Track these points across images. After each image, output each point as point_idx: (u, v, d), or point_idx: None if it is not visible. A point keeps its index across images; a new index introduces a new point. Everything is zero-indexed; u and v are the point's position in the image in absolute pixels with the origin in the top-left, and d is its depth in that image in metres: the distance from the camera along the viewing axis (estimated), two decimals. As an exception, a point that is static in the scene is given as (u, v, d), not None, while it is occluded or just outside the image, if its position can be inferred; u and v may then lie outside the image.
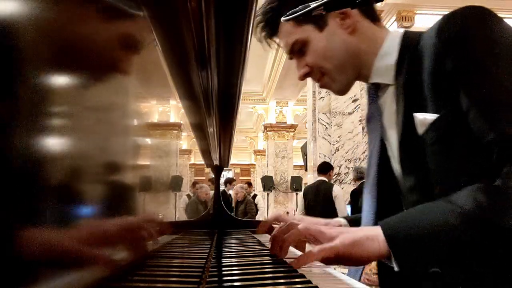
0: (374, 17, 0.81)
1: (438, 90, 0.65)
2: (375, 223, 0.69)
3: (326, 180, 4.45)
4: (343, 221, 0.93)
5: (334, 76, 0.81)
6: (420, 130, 0.66)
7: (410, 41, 0.74)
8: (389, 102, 0.77)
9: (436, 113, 0.64)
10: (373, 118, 0.80)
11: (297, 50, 0.82)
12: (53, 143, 0.25)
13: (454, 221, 0.55)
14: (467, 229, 0.55)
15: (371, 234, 0.61)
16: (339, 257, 0.60)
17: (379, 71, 0.78)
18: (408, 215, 0.62)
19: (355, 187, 4.62)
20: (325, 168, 4.54)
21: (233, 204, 6.42)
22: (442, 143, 0.64)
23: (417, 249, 0.56)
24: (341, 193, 4.44)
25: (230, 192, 6.57)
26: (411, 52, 0.71)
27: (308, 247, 3.28)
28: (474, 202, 0.55)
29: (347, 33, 0.78)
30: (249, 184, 8.01)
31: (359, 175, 4.48)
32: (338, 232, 0.64)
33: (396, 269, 0.57)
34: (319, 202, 4.33)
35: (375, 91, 0.80)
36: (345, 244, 0.60)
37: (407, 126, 0.69)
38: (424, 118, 0.65)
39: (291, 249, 1.06)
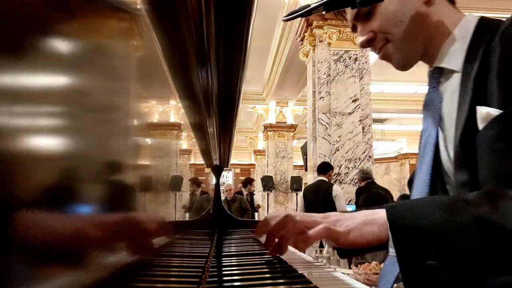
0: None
1: (506, 84, 0.61)
2: None
3: (326, 180, 4.45)
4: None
5: (399, 45, 0.76)
6: (481, 124, 0.63)
7: (486, 29, 0.69)
8: (451, 90, 0.72)
9: (501, 109, 0.60)
10: (432, 104, 0.76)
11: (364, 13, 0.77)
12: (53, 143, 0.25)
13: (463, 220, 0.54)
14: (475, 230, 0.53)
15: (370, 218, 0.60)
16: (338, 242, 0.60)
17: (446, 55, 0.74)
18: (416, 203, 0.60)
19: (360, 186, 4.64)
20: (324, 168, 4.53)
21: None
22: (502, 141, 0.60)
23: (418, 238, 0.54)
24: (341, 193, 4.44)
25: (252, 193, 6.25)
26: (485, 40, 0.67)
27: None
28: (489, 205, 0.53)
29: (422, 2, 0.74)
30: (249, 181, 7.70)
31: (365, 176, 4.48)
32: (334, 220, 0.63)
33: (391, 254, 0.56)
34: (319, 201, 4.33)
35: (438, 75, 0.76)
36: (344, 231, 0.60)
37: (470, 119, 0.64)
38: (487, 113, 0.62)
39: (292, 250, 1.06)
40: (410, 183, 0.89)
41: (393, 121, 11.97)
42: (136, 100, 0.56)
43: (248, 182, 7.27)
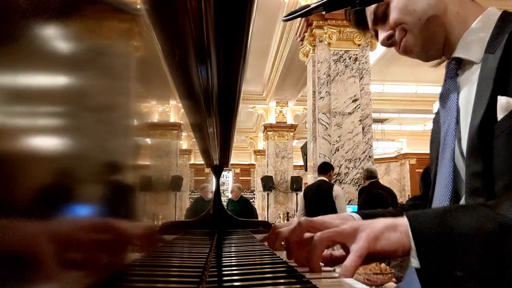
0: None
1: None
2: None
3: (327, 180, 4.45)
4: (356, 216, 0.85)
5: (417, 34, 0.76)
6: (501, 114, 0.62)
7: (509, 21, 0.69)
8: (469, 81, 0.71)
9: None
10: (450, 95, 0.75)
11: (380, 15, 0.78)
12: (54, 143, 0.25)
13: (490, 227, 0.51)
14: (504, 239, 0.50)
15: (391, 224, 0.57)
16: (368, 255, 0.56)
17: (466, 46, 0.73)
18: (438, 211, 0.58)
19: (363, 185, 4.63)
20: (325, 168, 4.53)
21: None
22: None
23: (443, 248, 0.52)
24: (342, 193, 4.44)
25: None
26: (509, 32, 0.66)
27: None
28: None
29: None
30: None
31: (369, 175, 4.44)
32: (356, 225, 0.59)
33: (414, 265, 0.53)
34: (319, 202, 4.33)
35: (456, 66, 0.75)
36: (371, 238, 0.56)
37: (489, 108, 0.63)
38: (507, 103, 0.61)
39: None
40: (424, 180, 0.87)
41: (393, 121, 11.97)
42: (136, 100, 0.56)
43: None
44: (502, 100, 0.62)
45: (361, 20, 0.84)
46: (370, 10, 0.81)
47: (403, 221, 0.56)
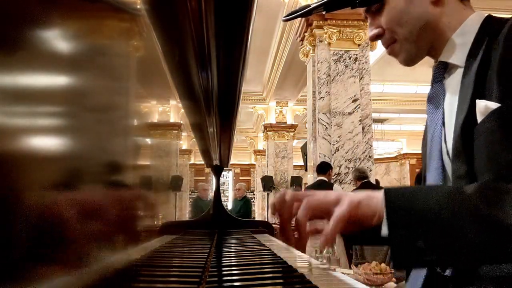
0: None
1: (505, 79, 0.62)
2: None
3: (326, 180, 4.44)
4: None
5: (404, 45, 0.78)
6: (480, 117, 0.64)
7: (491, 26, 0.70)
8: (454, 84, 0.74)
9: (499, 103, 0.62)
10: (436, 98, 0.77)
11: (374, 9, 0.79)
12: (55, 143, 0.25)
13: (460, 209, 0.55)
14: (471, 221, 0.54)
15: (370, 194, 0.60)
16: (349, 219, 0.59)
17: (451, 50, 0.75)
18: (416, 189, 0.62)
19: (355, 187, 4.58)
20: (324, 167, 4.52)
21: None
22: (498, 134, 0.62)
23: (411, 220, 0.56)
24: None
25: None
26: (490, 36, 0.68)
27: (309, 247, 3.27)
28: (489, 199, 0.55)
29: (429, 2, 0.75)
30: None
31: (361, 175, 4.43)
32: (340, 195, 0.62)
33: (383, 233, 0.57)
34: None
35: (442, 70, 0.77)
36: (352, 203, 0.59)
37: (470, 112, 0.66)
38: (486, 106, 0.63)
39: (292, 250, 1.06)
40: (419, 181, 0.89)
41: (393, 121, 11.97)
42: (136, 100, 0.56)
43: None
44: (480, 104, 0.64)
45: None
46: None
47: (380, 193, 0.60)
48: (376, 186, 4.42)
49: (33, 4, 0.21)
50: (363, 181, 4.35)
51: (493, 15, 0.74)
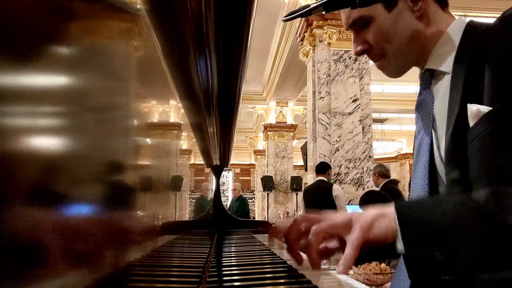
0: (444, 2, 0.79)
1: (496, 83, 0.62)
2: None
3: (326, 179, 4.43)
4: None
5: (392, 60, 0.79)
6: (472, 121, 0.64)
7: (474, 30, 0.71)
8: (442, 91, 0.74)
9: (490, 106, 0.62)
10: (424, 105, 0.77)
11: (358, 25, 0.79)
12: (55, 143, 0.25)
13: (466, 214, 0.56)
14: (482, 226, 0.55)
15: (381, 213, 0.60)
16: (364, 244, 0.59)
17: (437, 58, 0.75)
18: (423, 200, 0.63)
19: (376, 185, 4.29)
20: (323, 167, 4.50)
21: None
22: (491, 138, 0.61)
23: (425, 232, 0.56)
24: (342, 192, 4.41)
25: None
26: (474, 41, 0.69)
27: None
28: (494, 201, 0.55)
29: (414, 17, 0.76)
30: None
31: (385, 173, 4.19)
32: (349, 217, 0.61)
33: (399, 250, 0.57)
34: (319, 202, 4.31)
35: (429, 77, 0.77)
36: (365, 227, 0.59)
37: (460, 116, 0.66)
38: (477, 110, 0.63)
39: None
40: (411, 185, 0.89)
41: (393, 121, 11.97)
42: (136, 100, 0.56)
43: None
44: (472, 108, 0.64)
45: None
46: (346, 15, 0.80)
47: (391, 209, 0.59)
48: (396, 190, 4.19)
49: (32, 4, 0.21)
50: (386, 179, 4.17)
51: (474, 20, 0.75)
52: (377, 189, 4.16)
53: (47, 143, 0.24)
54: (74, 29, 0.29)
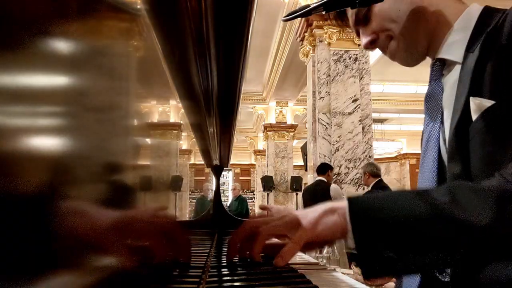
0: None
1: (500, 75, 0.61)
2: None
3: (325, 180, 4.44)
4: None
5: (401, 41, 0.76)
6: (474, 115, 0.62)
7: (489, 18, 0.68)
8: (452, 82, 0.71)
9: (492, 100, 0.60)
10: (434, 96, 0.75)
11: (362, 18, 0.78)
12: (55, 143, 0.25)
13: (421, 211, 0.54)
14: (433, 223, 0.54)
15: (330, 208, 0.59)
16: (310, 241, 0.59)
17: (449, 46, 0.72)
18: (378, 195, 0.60)
19: (366, 184, 4.32)
20: (323, 168, 4.51)
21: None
22: (493, 132, 0.60)
23: (377, 227, 0.55)
24: (340, 192, 4.41)
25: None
26: (488, 30, 0.65)
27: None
28: (450, 197, 0.54)
29: None
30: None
31: (377, 172, 4.20)
32: (295, 216, 0.62)
33: (350, 246, 0.56)
34: (317, 202, 4.30)
35: (440, 68, 0.75)
36: (309, 225, 0.59)
37: (465, 110, 0.64)
38: (480, 103, 0.61)
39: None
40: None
41: (393, 121, 11.97)
42: (136, 100, 0.56)
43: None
44: (475, 102, 0.62)
45: (341, 16, 0.84)
46: (350, 12, 0.80)
47: (342, 204, 0.58)
48: (388, 189, 4.16)
49: (33, 4, 0.21)
50: (377, 179, 4.17)
51: (491, 6, 0.71)
52: (368, 188, 4.15)
53: (46, 142, 0.24)
54: (74, 29, 0.29)
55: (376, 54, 6.58)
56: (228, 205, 7.08)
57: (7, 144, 0.18)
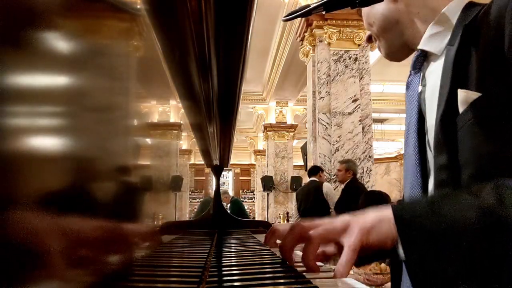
0: None
1: (487, 67, 0.60)
2: None
3: (316, 179, 4.51)
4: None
5: (381, 41, 0.83)
6: (461, 107, 0.62)
7: (472, 11, 0.68)
8: (434, 74, 0.72)
9: (479, 91, 0.60)
10: (412, 87, 0.77)
11: (359, 13, 0.87)
12: (54, 144, 0.25)
13: (472, 215, 0.50)
14: (485, 227, 0.50)
15: (380, 216, 0.56)
16: (363, 247, 0.55)
17: (430, 38, 0.74)
18: (425, 202, 0.57)
19: (341, 180, 4.32)
20: (314, 170, 4.64)
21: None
22: (481, 124, 0.59)
23: (426, 237, 0.52)
24: (332, 189, 4.46)
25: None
26: (470, 23, 0.66)
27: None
28: (496, 197, 0.50)
29: (389, 0, 0.79)
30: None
31: (355, 169, 4.26)
32: (347, 221, 0.58)
33: (401, 257, 0.53)
34: (310, 201, 4.36)
35: (421, 58, 0.76)
36: (363, 231, 0.55)
37: (450, 101, 0.64)
38: (466, 95, 0.61)
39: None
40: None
41: (393, 121, 11.98)
42: (136, 100, 0.56)
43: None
44: (462, 94, 0.63)
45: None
46: (360, 12, 0.89)
47: (389, 212, 0.56)
48: (363, 188, 4.17)
49: (32, 3, 0.21)
50: (353, 176, 4.18)
51: (475, 1, 0.72)
52: (372, 188, 4.21)
53: (46, 143, 0.24)
54: (74, 29, 0.29)
55: (376, 54, 6.59)
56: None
57: (7, 144, 0.18)
